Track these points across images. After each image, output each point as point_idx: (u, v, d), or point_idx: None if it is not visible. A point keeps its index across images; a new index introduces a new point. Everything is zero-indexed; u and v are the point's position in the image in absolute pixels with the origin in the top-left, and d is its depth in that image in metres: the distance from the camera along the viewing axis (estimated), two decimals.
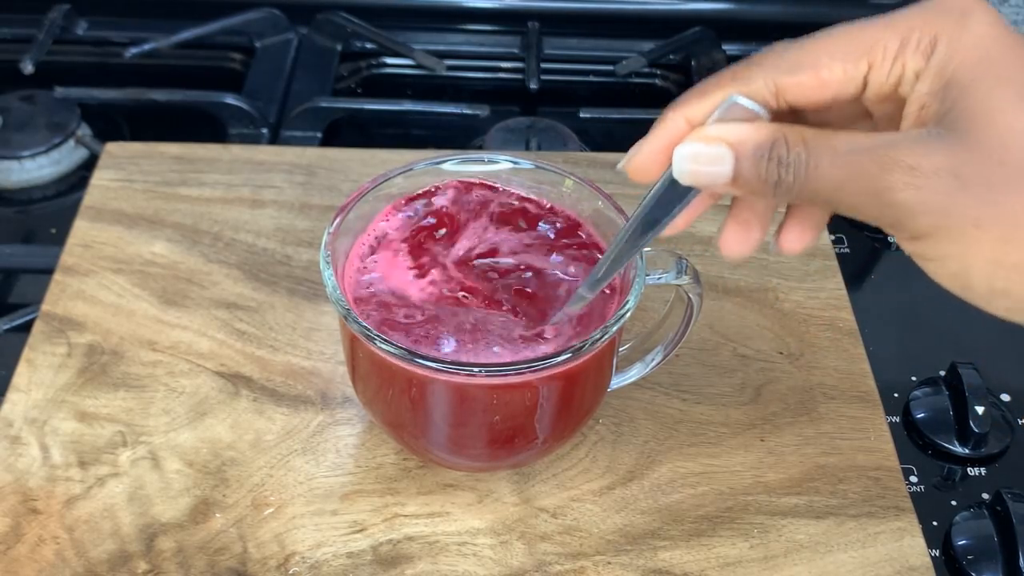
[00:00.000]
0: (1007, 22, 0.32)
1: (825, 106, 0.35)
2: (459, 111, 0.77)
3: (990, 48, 0.31)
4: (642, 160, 0.36)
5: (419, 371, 0.42)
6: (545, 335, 0.44)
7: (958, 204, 0.30)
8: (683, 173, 0.34)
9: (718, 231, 0.38)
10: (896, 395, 0.56)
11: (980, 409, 0.54)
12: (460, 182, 0.49)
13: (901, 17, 0.33)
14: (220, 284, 0.57)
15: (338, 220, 0.46)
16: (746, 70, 0.34)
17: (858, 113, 0.36)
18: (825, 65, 0.33)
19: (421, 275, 0.46)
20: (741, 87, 0.34)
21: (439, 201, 0.48)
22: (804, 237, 0.37)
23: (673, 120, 0.35)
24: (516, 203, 0.49)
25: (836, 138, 0.32)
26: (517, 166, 0.50)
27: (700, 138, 0.34)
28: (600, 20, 0.86)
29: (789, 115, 0.35)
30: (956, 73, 0.31)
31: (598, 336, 0.42)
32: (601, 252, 0.47)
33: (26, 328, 0.56)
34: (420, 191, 0.49)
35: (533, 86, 0.79)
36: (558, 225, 0.48)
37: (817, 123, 0.36)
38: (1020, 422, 0.56)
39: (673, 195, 0.36)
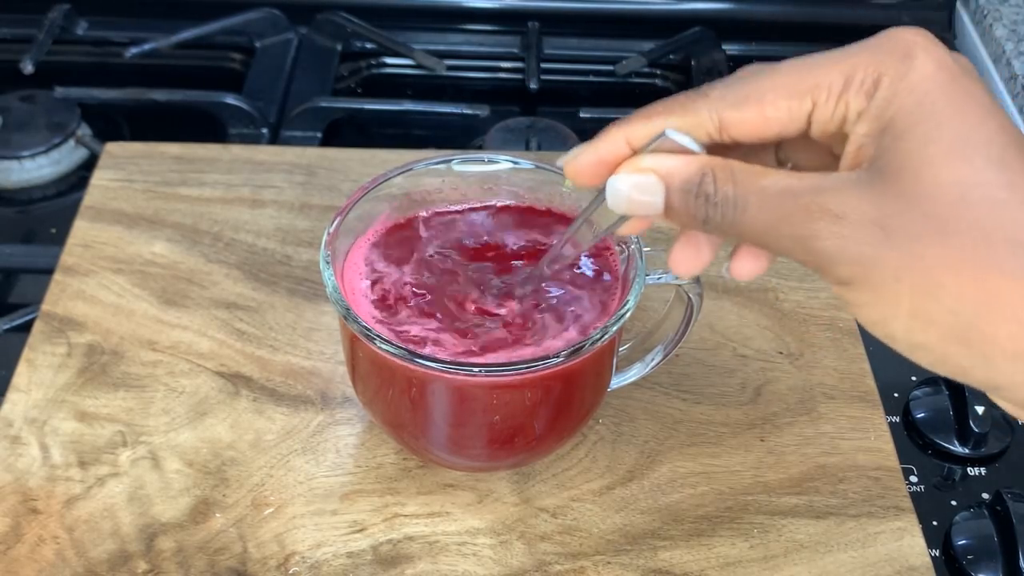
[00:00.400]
0: (955, 60, 0.31)
1: (771, 142, 0.35)
2: (459, 111, 0.77)
3: (930, 92, 0.30)
4: (578, 166, 0.37)
5: (419, 371, 0.42)
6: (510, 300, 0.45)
7: (880, 256, 0.30)
8: (618, 202, 0.34)
9: (667, 250, 0.38)
10: (896, 395, 0.56)
11: (980, 409, 0.54)
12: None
13: (849, 54, 0.32)
14: (220, 284, 0.57)
15: (338, 220, 0.46)
16: (693, 100, 0.34)
17: (821, 148, 0.35)
18: (770, 102, 0.33)
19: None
20: (685, 117, 0.34)
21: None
22: (756, 265, 0.36)
23: (614, 138, 0.36)
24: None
25: (766, 178, 0.32)
26: (517, 166, 0.50)
27: (633, 168, 0.34)
28: (600, 20, 0.86)
29: (735, 150, 0.35)
30: (894, 117, 0.31)
31: (598, 336, 0.42)
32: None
33: (26, 328, 0.56)
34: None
35: (533, 86, 0.79)
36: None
37: (764, 159, 0.36)
38: (1020, 422, 0.56)
39: (607, 214, 0.37)
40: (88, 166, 0.71)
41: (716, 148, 0.34)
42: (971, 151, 0.30)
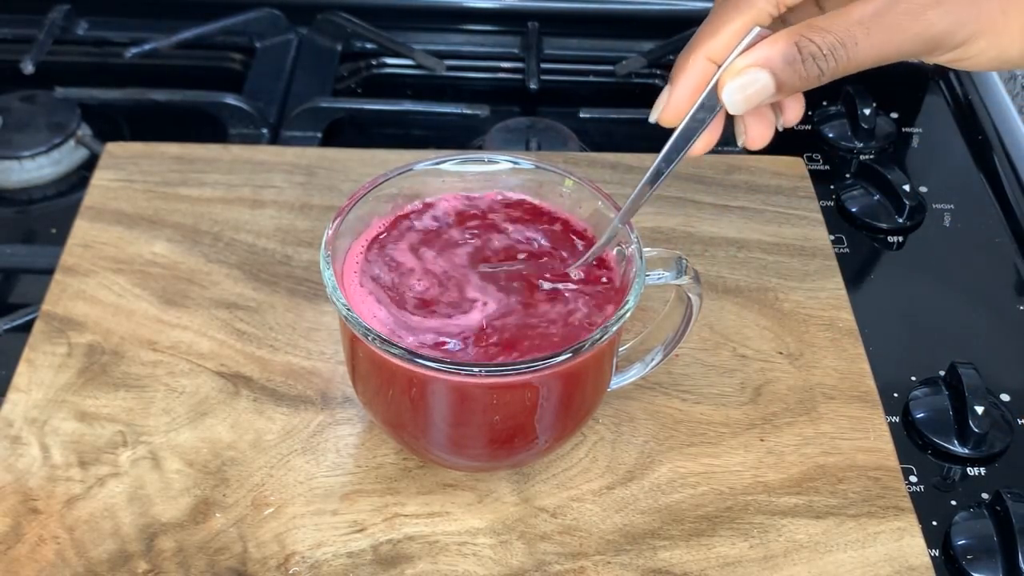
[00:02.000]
0: None
1: None
2: (459, 111, 0.77)
3: None
4: (674, 108, 0.41)
5: (419, 371, 0.42)
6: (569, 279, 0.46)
7: (983, 6, 0.36)
8: (736, 105, 0.38)
9: (737, 134, 0.42)
10: (896, 395, 0.56)
11: (980, 409, 0.54)
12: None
13: None
14: (220, 284, 0.57)
15: (338, 220, 0.46)
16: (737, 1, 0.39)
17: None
18: None
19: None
20: (749, 12, 0.39)
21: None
22: (768, 131, 0.42)
23: (695, 63, 0.40)
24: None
25: (849, 15, 0.37)
26: (517, 166, 0.50)
27: (733, 74, 0.38)
28: (600, 20, 0.86)
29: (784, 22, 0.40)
30: None
31: (598, 336, 0.42)
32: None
33: (26, 328, 0.56)
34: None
35: (533, 86, 0.79)
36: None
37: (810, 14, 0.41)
38: (1020, 422, 0.56)
39: (697, 126, 0.41)
40: (88, 166, 0.71)
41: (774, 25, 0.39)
42: None
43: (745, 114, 0.41)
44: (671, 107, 0.41)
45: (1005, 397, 0.56)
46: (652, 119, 0.42)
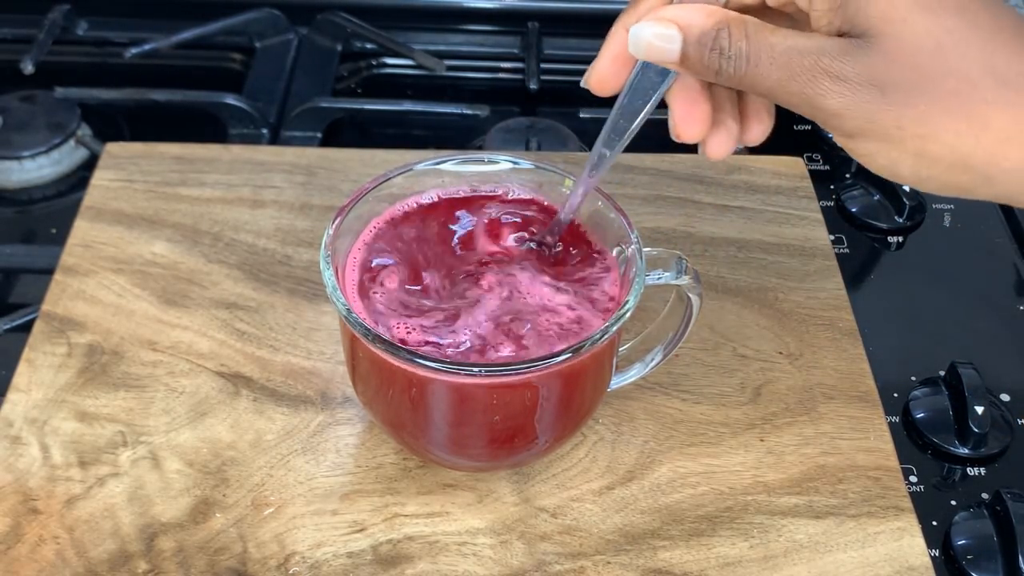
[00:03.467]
0: None
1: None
2: (459, 111, 0.77)
3: None
4: (601, 75, 0.41)
5: (419, 371, 0.42)
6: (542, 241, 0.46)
7: (881, 110, 0.33)
8: (638, 47, 0.37)
9: (669, 119, 0.41)
10: (896, 395, 0.56)
11: (980, 409, 0.54)
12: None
13: None
14: (220, 284, 0.57)
15: (338, 220, 0.46)
16: None
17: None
18: None
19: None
20: None
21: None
22: (762, 128, 0.41)
23: (618, 30, 0.40)
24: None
25: (775, 35, 0.35)
26: (517, 166, 0.50)
27: (654, 18, 0.37)
28: (600, 20, 0.85)
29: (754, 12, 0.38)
30: None
31: (598, 336, 0.42)
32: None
33: (26, 328, 0.56)
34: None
35: (533, 86, 0.79)
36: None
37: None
38: (1020, 422, 0.56)
39: (646, 84, 0.40)
40: (88, 166, 0.71)
41: (737, 8, 0.38)
42: (930, 2, 0.33)
43: (698, 112, 0.40)
44: (597, 71, 0.41)
45: (1005, 397, 0.56)
46: (582, 84, 0.42)
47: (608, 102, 0.75)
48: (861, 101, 0.34)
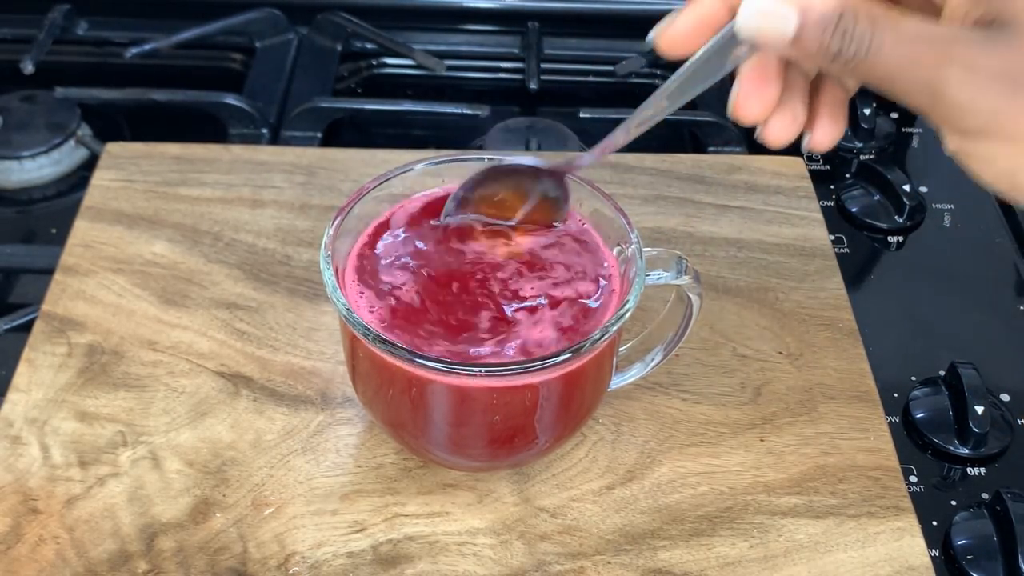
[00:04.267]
0: None
1: None
2: (459, 111, 0.77)
3: None
4: (675, 33, 0.37)
5: (419, 371, 0.42)
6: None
7: (1011, 107, 0.31)
8: (747, 26, 0.34)
9: (732, 94, 0.37)
10: (896, 395, 0.56)
11: (980, 409, 0.54)
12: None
13: None
14: (220, 284, 0.57)
15: (338, 220, 0.46)
16: None
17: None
18: None
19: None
20: None
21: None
22: (836, 131, 0.38)
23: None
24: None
25: (903, 21, 0.33)
26: None
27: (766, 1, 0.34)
28: (600, 20, 0.86)
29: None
30: None
31: (598, 336, 0.42)
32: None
33: (26, 328, 0.56)
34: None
35: (533, 86, 0.79)
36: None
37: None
38: (1020, 422, 0.56)
39: (718, 61, 0.36)
40: (88, 166, 0.71)
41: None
42: None
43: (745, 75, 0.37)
44: (672, 30, 0.37)
45: (1005, 397, 0.56)
46: (649, 38, 0.38)
47: (606, 103, 0.74)
48: (991, 94, 0.31)
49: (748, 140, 0.74)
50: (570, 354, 0.41)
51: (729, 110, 0.38)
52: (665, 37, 0.38)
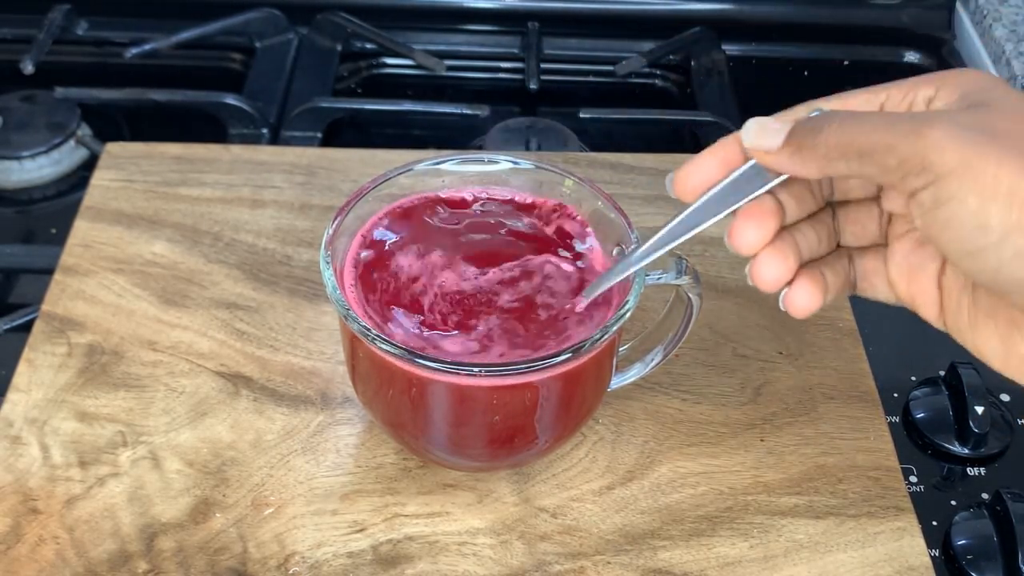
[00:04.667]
0: (1007, 25, 0.34)
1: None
2: (459, 111, 0.77)
3: (989, 83, 0.36)
4: (691, 171, 0.39)
5: (419, 371, 0.42)
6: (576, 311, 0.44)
7: (987, 147, 0.32)
8: (748, 134, 0.37)
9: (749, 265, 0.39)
10: (896, 395, 0.56)
11: (980, 409, 0.54)
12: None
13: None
14: (220, 284, 0.57)
15: (338, 220, 0.46)
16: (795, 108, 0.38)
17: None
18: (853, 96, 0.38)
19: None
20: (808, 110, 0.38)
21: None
22: (813, 297, 0.39)
23: (731, 142, 0.39)
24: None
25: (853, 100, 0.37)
26: (517, 166, 0.50)
27: (767, 119, 0.38)
28: (600, 20, 0.86)
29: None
30: (966, 88, 0.36)
31: (598, 336, 0.42)
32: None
33: (26, 328, 0.56)
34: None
35: (533, 86, 0.79)
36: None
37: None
38: (1020, 422, 0.56)
39: (741, 188, 0.38)
40: (88, 166, 0.71)
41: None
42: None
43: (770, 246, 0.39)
44: (692, 180, 0.39)
45: (1005, 397, 0.56)
46: (668, 179, 0.40)
47: (606, 103, 0.74)
48: (968, 137, 0.33)
49: None
50: (570, 354, 0.41)
51: (726, 237, 0.39)
52: (687, 184, 0.39)
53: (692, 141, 0.76)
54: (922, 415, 0.55)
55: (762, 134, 0.37)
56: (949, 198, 0.33)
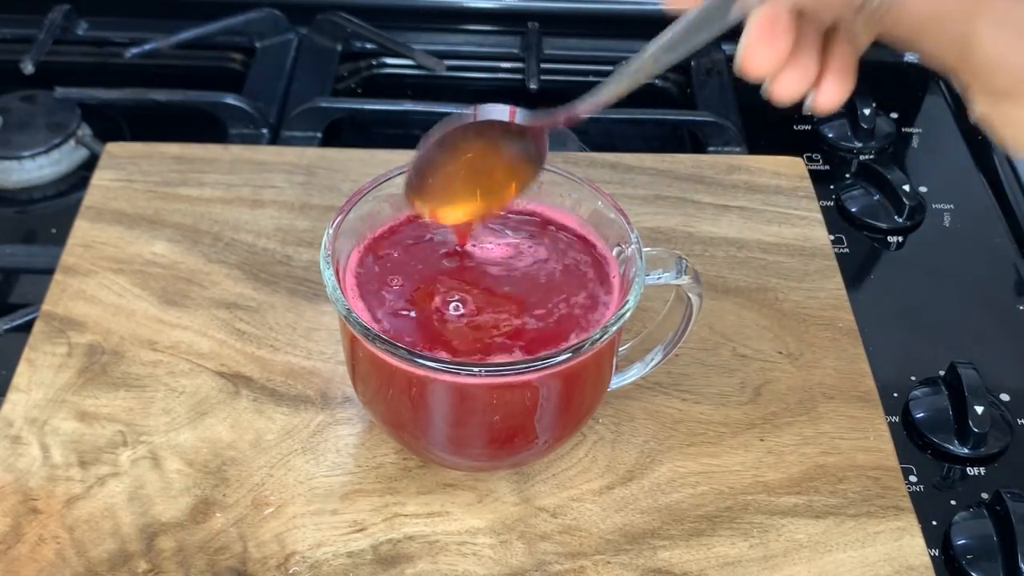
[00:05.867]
0: None
1: None
2: (459, 111, 0.77)
3: None
4: None
5: (419, 371, 0.42)
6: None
7: None
8: None
9: (739, 46, 0.35)
10: (896, 395, 0.56)
11: (979, 409, 0.54)
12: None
13: None
14: (220, 284, 0.57)
15: (338, 220, 0.46)
16: None
17: None
18: None
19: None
20: None
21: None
22: (842, 90, 0.36)
23: None
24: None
25: None
26: None
27: None
28: (600, 20, 0.86)
29: None
30: None
31: (598, 336, 0.42)
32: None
33: (26, 328, 0.56)
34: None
35: (533, 86, 0.79)
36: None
37: None
38: (1019, 422, 0.56)
39: (722, 11, 0.35)
40: (88, 166, 0.71)
41: None
42: None
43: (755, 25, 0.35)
44: None
45: (1005, 397, 0.57)
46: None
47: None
48: (1021, 51, 0.29)
49: (748, 140, 0.74)
50: (570, 354, 0.41)
51: (736, 63, 0.36)
52: None
53: (692, 141, 0.76)
54: (922, 415, 0.55)
55: None
56: (1007, 121, 0.30)
